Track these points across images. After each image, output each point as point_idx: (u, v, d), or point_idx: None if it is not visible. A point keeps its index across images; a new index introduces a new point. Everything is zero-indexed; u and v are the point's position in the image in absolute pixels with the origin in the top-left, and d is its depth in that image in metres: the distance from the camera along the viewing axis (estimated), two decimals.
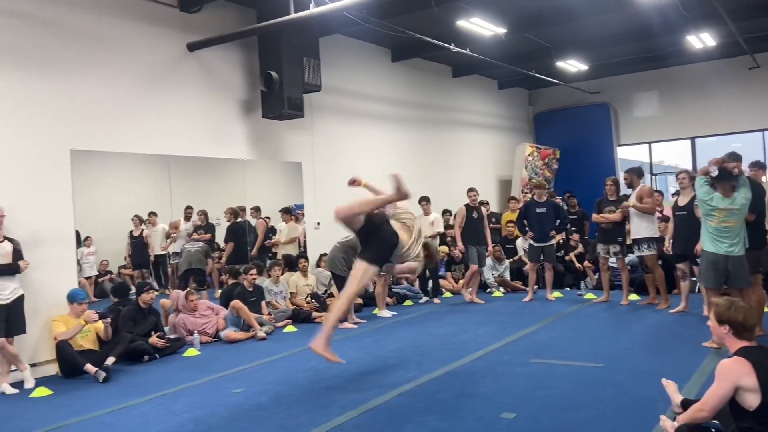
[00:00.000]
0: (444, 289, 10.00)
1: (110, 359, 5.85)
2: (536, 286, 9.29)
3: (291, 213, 9.52)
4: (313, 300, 8.60)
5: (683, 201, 7.01)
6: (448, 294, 9.93)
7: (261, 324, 7.40)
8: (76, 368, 5.77)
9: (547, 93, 15.40)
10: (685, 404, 3.40)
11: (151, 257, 8.41)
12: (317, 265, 9.21)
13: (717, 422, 3.20)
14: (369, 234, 4.91)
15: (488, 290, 9.94)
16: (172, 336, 6.94)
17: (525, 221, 9.09)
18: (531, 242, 9.02)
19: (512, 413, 4.10)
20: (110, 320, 6.19)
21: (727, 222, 5.50)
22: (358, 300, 8.52)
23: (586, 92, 14.52)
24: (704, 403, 3.07)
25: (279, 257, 9.19)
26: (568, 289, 9.88)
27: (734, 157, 5.72)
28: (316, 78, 8.65)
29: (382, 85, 11.00)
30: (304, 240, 9.51)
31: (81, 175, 6.56)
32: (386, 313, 8.36)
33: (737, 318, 3.11)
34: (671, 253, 7.50)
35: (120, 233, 8.26)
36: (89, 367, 5.71)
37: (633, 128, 14.72)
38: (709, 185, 5.58)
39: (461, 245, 9.05)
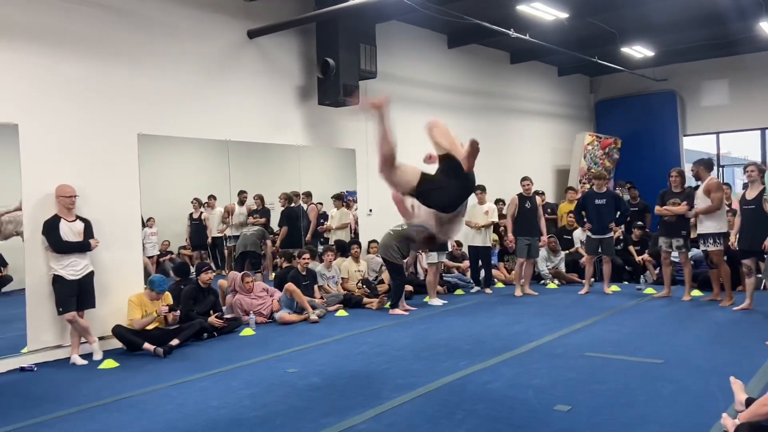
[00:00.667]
0: (496, 279, 9.91)
1: (175, 341, 6.09)
2: (593, 279, 9.09)
3: (343, 199, 9.62)
4: (364, 286, 8.68)
5: (751, 194, 6.70)
6: (500, 284, 9.84)
7: (313, 307, 7.55)
8: (136, 346, 6.05)
9: (610, 80, 14.92)
10: (749, 403, 3.29)
11: (209, 239, 8.68)
12: (367, 252, 9.28)
13: None
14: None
15: (542, 282, 9.79)
16: (229, 316, 7.16)
17: (583, 212, 8.88)
18: (589, 234, 8.82)
19: (567, 406, 4.05)
20: (179, 313, 6.40)
21: None
22: (409, 287, 8.56)
23: (652, 79, 13.99)
24: None
25: (331, 243, 9.32)
26: (627, 283, 9.62)
27: None
28: (372, 65, 8.67)
29: (438, 72, 10.91)
30: (356, 226, 9.60)
31: (146, 159, 6.81)
32: (437, 302, 8.36)
33: None
34: (737, 249, 7.19)
35: (180, 215, 8.56)
36: (147, 346, 5.97)
37: (700, 117, 14.11)
38: None
39: (511, 236, 8.93)
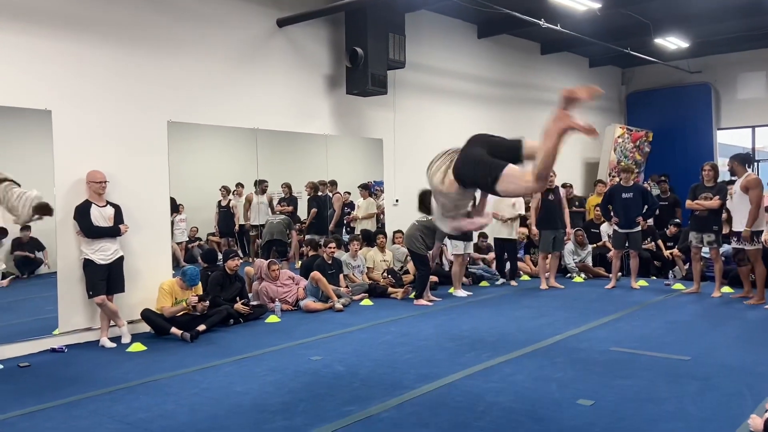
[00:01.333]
0: (522, 272, 9.84)
1: (202, 326, 6.19)
2: (620, 274, 8.96)
3: (369, 189, 9.63)
4: (390, 275, 8.70)
5: None
6: (526, 277, 9.76)
7: (339, 296, 7.59)
8: (163, 331, 6.16)
9: (642, 72, 14.61)
10: None
11: (236, 227, 8.78)
12: (393, 242, 9.29)
13: None
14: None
15: (568, 275, 9.69)
16: (255, 302, 7.25)
17: (609, 206, 8.75)
18: (615, 228, 8.69)
19: (590, 400, 4.01)
20: (208, 304, 6.46)
21: None
22: (434, 278, 8.55)
23: (686, 71, 13.67)
24: None
25: (357, 232, 9.35)
26: (655, 278, 9.47)
27: None
28: (401, 54, 8.63)
29: (467, 62, 10.82)
30: (382, 216, 9.61)
31: (175, 146, 6.91)
32: (461, 293, 8.34)
33: None
34: None
35: (208, 202, 8.68)
36: (175, 330, 6.08)
37: (735, 111, 13.74)
38: None
39: (534, 230, 8.84)
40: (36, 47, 5.81)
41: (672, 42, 11.25)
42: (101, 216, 5.94)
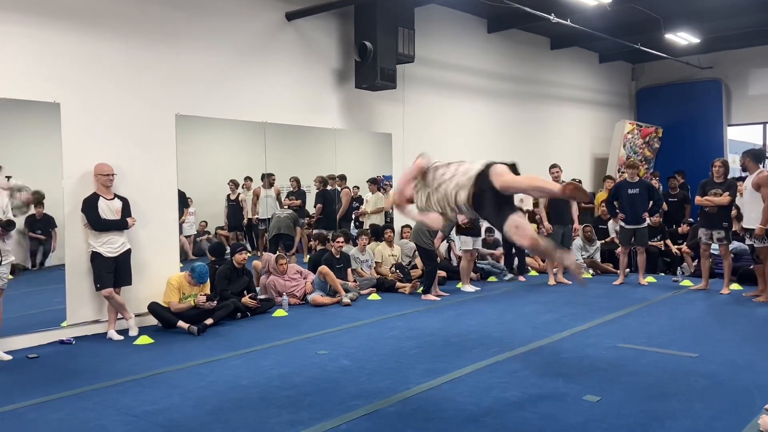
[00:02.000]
0: (530, 267, 9.81)
1: (209, 320, 6.21)
2: (628, 270, 8.91)
3: (378, 184, 9.62)
4: (398, 270, 8.70)
5: None
6: (534, 272, 9.74)
7: (346, 290, 7.60)
8: (170, 324, 6.19)
9: (653, 67, 14.50)
10: None
11: (244, 220, 8.80)
12: (401, 237, 9.28)
13: None
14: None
15: None
16: (263, 296, 7.26)
17: (615, 202, 8.68)
18: (622, 224, 8.63)
19: (596, 396, 4.00)
20: (215, 303, 6.45)
21: None
22: (442, 273, 8.54)
23: (697, 67, 13.55)
24: None
25: (365, 227, 9.34)
26: (663, 275, 9.41)
27: None
28: (410, 49, 8.60)
29: (477, 57, 10.77)
30: (391, 211, 9.60)
31: (183, 139, 6.92)
32: (470, 288, 8.33)
33: None
34: None
35: (217, 196, 8.70)
36: (182, 324, 6.10)
37: (746, 107, 13.62)
38: None
39: (547, 225, 8.78)
40: (45, 41, 5.83)
41: (683, 37, 11.15)
42: (109, 209, 5.96)
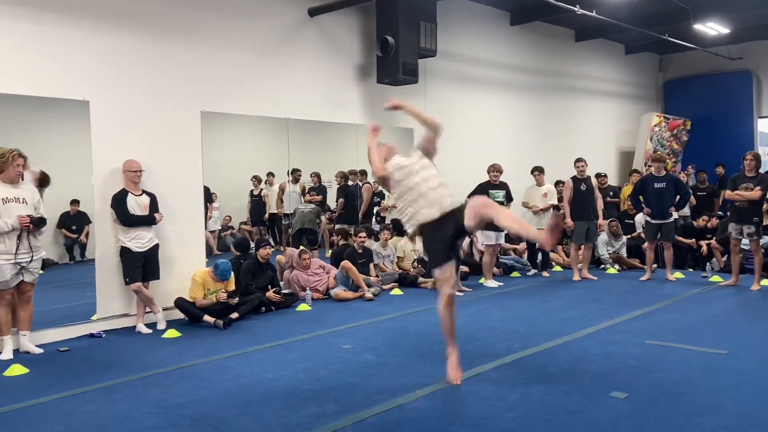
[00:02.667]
0: (554, 263, 9.73)
1: (234, 314, 6.29)
2: (655, 265, 8.78)
3: None
4: (420, 265, 8.69)
5: None
6: (558, 268, 9.65)
7: (369, 285, 7.62)
8: (196, 318, 6.27)
9: (681, 58, 14.26)
10: None
11: (267, 215, 8.87)
12: None
13: None
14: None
15: (602, 266, 9.54)
16: (287, 291, 7.32)
17: (641, 197, 8.55)
18: (648, 219, 8.50)
19: (623, 393, 3.96)
20: (237, 300, 6.52)
21: None
22: (464, 268, 8.51)
23: (726, 58, 13.28)
24: None
25: (387, 222, 9.34)
26: (691, 271, 9.26)
27: None
28: (432, 43, 8.56)
29: (500, 50, 10.68)
30: None
31: (208, 136, 6.99)
32: (492, 283, 8.29)
33: None
34: None
35: (240, 191, 8.78)
36: (207, 318, 6.18)
37: None
38: None
39: (569, 221, 8.68)
40: (74, 40, 5.93)
41: (712, 28, 10.92)
42: (137, 204, 6.06)
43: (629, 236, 9.89)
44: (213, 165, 7.20)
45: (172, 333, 5.89)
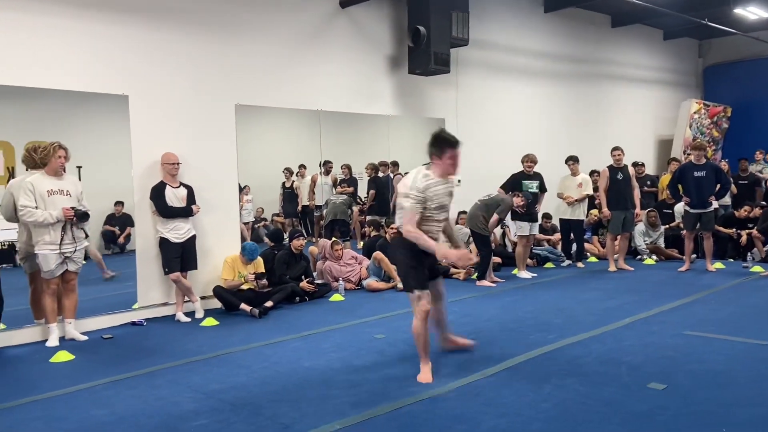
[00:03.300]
0: (589, 254, 9.60)
1: (269, 302, 6.39)
2: (694, 256, 8.59)
3: None
4: None
5: None
6: (594, 259, 9.53)
7: None
8: (233, 306, 6.39)
9: (721, 44, 13.85)
10: None
11: (299, 207, 8.95)
12: (456, 222, 9.22)
13: None
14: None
15: (639, 257, 9.39)
16: (320, 281, 7.40)
17: (679, 185, 8.35)
18: (687, 209, 8.30)
19: (662, 384, 3.90)
20: (266, 282, 6.68)
21: None
22: (497, 259, 8.46)
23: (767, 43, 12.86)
24: None
25: None
26: (732, 261, 9.04)
27: None
28: (464, 32, 8.50)
29: (533, 38, 10.54)
30: None
31: (242, 129, 7.09)
32: (526, 274, 8.23)
33: None
34: None
35: (273, 183, 8.87)
36: (244, 306, 6.30)
37: None
38: None
39: (606, 211, 8.55)
40: (114, 36, 6.07)
41: (753, 12, 10.59)
42: (175, 196, 6.20)
43: (667, 226, 9.70)
44: (246, 157, 7.29)
45: (210, 321, 6.02)
